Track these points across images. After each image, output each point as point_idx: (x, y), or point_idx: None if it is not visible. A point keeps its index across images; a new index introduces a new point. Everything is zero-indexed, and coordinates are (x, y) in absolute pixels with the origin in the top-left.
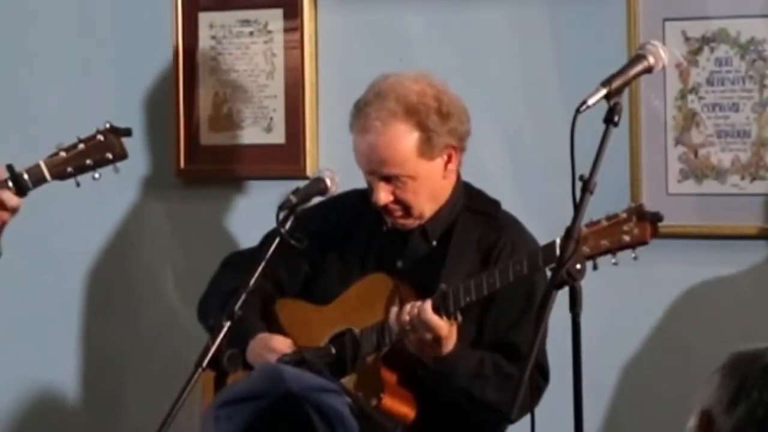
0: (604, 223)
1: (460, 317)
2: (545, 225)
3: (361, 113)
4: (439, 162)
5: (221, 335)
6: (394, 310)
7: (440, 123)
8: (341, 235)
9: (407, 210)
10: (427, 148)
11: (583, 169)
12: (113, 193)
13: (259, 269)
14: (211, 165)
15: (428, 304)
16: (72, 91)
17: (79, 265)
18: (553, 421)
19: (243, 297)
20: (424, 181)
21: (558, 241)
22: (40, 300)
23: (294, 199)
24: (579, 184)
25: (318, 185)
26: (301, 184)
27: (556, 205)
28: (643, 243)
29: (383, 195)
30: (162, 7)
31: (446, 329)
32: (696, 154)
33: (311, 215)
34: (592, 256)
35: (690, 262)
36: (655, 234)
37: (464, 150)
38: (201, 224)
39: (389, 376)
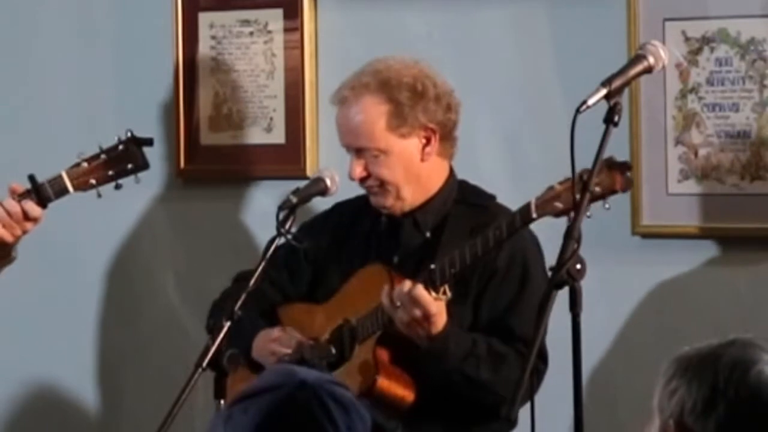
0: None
1: (449, 293)
2: (545, 224)
3: (340, 87)
4: (415, 142)
5: (221, 335)
6: (386, 288)
7: (412, 99)
8: (342, 237)
9: (383, 187)
10: (396, 122)
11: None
12: (113, 193)
13: (260, 269)
14: (211, 165)
15: (417, 284)
16: (72, 92)
17: (79, 265)
18: (553, 420)
19: (243, 297)
20: (397, 158)
21: (534, 200)
22: (39, 300)
23: (294, 199)
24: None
25: (318, 185)
26: (301, 184)
27: None
28: (614, 192)
29: (357, 169)
30: (162, 7)
31: (435, 306)
32: (696, 154)
33: (315, 220)
34: (565, 211)
35: (690, 262)
36: (627, 184)
37: (449, 140)
38: (201, 224)
39: (384, 359)
